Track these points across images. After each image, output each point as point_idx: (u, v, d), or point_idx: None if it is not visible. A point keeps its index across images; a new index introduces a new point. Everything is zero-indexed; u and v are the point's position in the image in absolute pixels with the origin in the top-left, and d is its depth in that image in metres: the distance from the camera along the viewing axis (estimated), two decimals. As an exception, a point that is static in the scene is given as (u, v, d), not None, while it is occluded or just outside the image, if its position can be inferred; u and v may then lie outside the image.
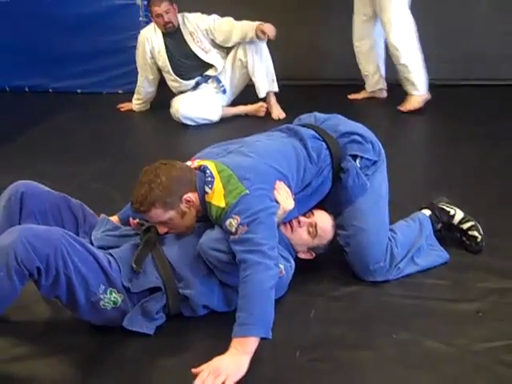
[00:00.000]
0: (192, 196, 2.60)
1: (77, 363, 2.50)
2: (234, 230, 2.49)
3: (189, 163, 2.74)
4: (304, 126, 2.95)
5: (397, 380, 2.36)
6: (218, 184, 2.57)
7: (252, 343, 2.35)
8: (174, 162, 2.65)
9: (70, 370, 2.47)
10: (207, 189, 2.58)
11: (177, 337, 2.61)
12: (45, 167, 4.31)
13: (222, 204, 2.54)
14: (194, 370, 2.28)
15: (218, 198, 2.56)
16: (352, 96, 5.56)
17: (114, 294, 2.54)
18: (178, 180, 2.58)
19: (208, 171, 2.61)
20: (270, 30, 4.92)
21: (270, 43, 5.05)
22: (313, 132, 2.88)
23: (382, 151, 2.96)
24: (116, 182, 4.01)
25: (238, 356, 2.32)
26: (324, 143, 2.84)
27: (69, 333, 2.65)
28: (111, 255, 2.62)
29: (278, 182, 2.65)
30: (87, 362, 2.50)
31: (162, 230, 2.67)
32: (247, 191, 2.53)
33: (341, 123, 2.96)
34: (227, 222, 2.51)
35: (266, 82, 5.14)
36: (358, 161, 2.85)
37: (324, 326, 2.65)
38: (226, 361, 2.30)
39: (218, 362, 2.30)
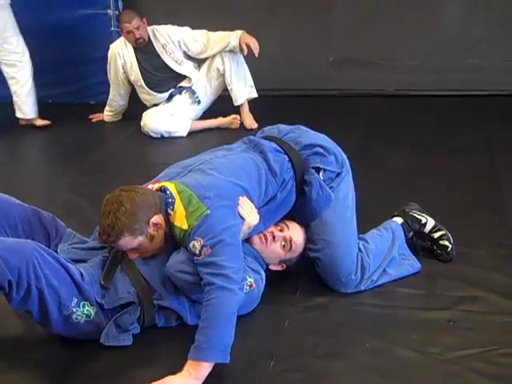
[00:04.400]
0: (158, 218, 2.58)
1: (50, 377, 2.49)
2: (197, 251, 2.49)
3: (150, 186, 2.72)
4: (266, 138, 2.95)
5: (370, 389, 2.38)
6: (178, 205, 2.56)
7: (206, 368, 2.36)
8: (134, 188, 2.62)
9: (43, 384, 2.46)
10: (169, 210, 2.58)
11: (150, 348, 2.60)
12: (15, 178, 4.28)
13: (185, 226, 2.53)
14: None
15: (179, 219, 2.55)
16: None
17: (86, 307, 2.52)
18: (142, 205, 2.55)
19: (168, 192, 2.60)
20: (255, 47, 4.92)
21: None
22: (274, 145, 2.88)
23: (347, 162, 2.97)
24: (87, 193, 4.00)
25: (189, 380, 2.34)
26: (286, 156, 2.84)
27: (41, 346, 2.64)
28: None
29: (240, 197, 2.65)
30: (61, 376, 2.49)
31: (132, 256, 2.64)
32: (208, 211, 2.52)
33: (303, 135, 2.95)
34: (191, 244, 2.50)
35: (244, 89, 5.15)
36: (321, 173, 2.86)
37: (298, 336, 2.66)
38: (176, 383, 2.32)
39: (169, 382, 2.33)
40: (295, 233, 2.89)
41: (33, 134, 5.32)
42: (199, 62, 5.23)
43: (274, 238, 2.84)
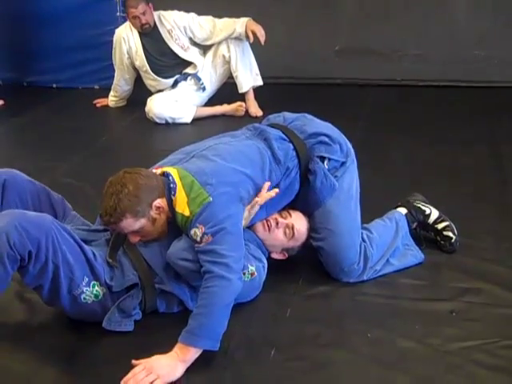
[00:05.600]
0: (161, 202, 2.57)
1: (51, 362, 2.48)
2: (198, 239, 2.48)
3: (153, 171, 2.71)
4: (271, 126, 2.94)
5: (371, 379, 2.37)
6: (180, 191, 2.55)
7: (193, 353, 2.38)
8: (138, 170, 2.60)
9: (46, 369, 2.46)
10: (171, 195, 2.57)
11: (153, 334, 2.61)
12: (19, 162, 4.27)
13: (186, 212, 2.52)
14: (134, 362, 2.35)
15: (181, 205, 2.54)
16: None
17: (96, 288, 2.53)
18: (145, 187, 2.53)
19: (170, 177, 2.59)
20: (261, 34, 4.91)
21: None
22: (279, 133, 2.86)
23: (352, 151, 2.96)
24: (90, 178, 4.00)
25: (175, 361, 2.36)
26: (291, 144, 2.83)
27: (44, 331, 2.64)
28: None
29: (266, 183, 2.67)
30: (62, 361, 2.48)
31: (133, 239, 2.63)
32: (210, 198, 2.51)
33: (308, 123, 2.94)
34: (192, 232, 2.50)
35: (249, 76, 5.14)
36: (325, 162, 2.85)
37: (299, 325, 2.65)
38: (162, 362, 2.35)
39: (155, 361, 2.36)
40: (298, 221, 2.89)
41: (36, 118, 5.30)
42: (205, 49, 5.22)
43: (277, 224, 2.84)
